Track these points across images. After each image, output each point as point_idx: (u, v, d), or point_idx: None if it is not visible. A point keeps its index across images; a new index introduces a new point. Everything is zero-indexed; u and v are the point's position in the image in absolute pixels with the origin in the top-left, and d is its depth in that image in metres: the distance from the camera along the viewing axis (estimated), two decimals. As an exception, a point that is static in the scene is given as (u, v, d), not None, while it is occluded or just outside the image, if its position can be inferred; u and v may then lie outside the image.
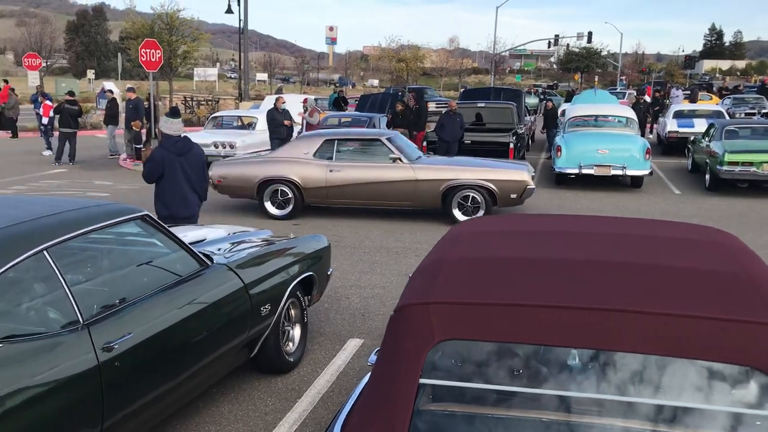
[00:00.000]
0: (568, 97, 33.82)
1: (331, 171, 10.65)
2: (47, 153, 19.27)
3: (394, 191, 10.54)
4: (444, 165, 10.86)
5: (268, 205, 10.96)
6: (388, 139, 10.80)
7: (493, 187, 10.26)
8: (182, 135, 6.94)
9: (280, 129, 15.05)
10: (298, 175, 10.72)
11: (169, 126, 6.91)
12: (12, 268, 3.03)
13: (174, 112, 17.69)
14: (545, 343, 2.27)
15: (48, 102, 20.53)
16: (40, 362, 2.94)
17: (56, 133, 18.66)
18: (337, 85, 64.83)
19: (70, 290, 3.24)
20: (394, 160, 10.52)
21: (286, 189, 10.82)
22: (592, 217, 3.68)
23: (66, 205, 3.73)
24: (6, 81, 28.23)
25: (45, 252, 3.19)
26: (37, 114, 20.99)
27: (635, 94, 35.07)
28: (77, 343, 3.14)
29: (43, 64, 39.52)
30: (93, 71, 59.25)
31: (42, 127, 20.37)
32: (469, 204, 10.37)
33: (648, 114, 23.25)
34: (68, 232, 3.37)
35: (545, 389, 2.32)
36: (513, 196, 10.35)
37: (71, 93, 19.53)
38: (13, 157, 19.05)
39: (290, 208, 10.90)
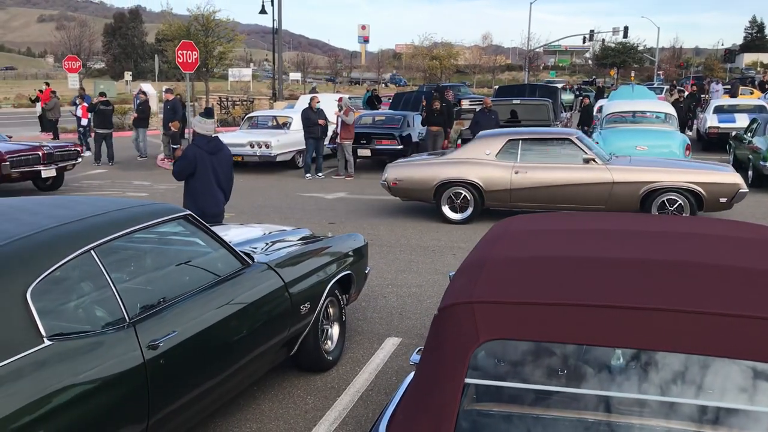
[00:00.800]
0: (598, 93, 33.18)
1: (516, 172, 10.02)
2: (87, 154, 19.62)
3: (586, 194, 9.82)
4: (643, 166, 10.01)
5: (446, 209, 10.49)
6: (579, 139, 10.13)
7: (701, 190, 9.43)
8: (213, 135, 7.07)
9: (314, 128, 15.14)
10: (479, 177, 10.15)
11: (203, 126, 7.03)
12: (61, 267, 3.10)
13: (208, 113, 17.92)
14: (590, 343, 2.25)
15: (86, 103, 20.88)
16: (88, 360, 3.00)
17: (93, 134, 19.12)
18: (369, 83, 64.78)
19: (116, 289, 3.30)
20: (587, 161, 9.84)
21: (464, 192, 10.29)
22: (637, 214, 3.64)
23: (111, 205, 3.80)
24: (47, 84, 28.87)
25: (92, 251, 3.25)
26: (76, 117, 21.30)
27: (668, 88, 34.21)
28: (124, 341, 3.19)
29: (82, 67, 40.27)
30: (130, 73, 60.24)
31: (80, 128, 20.66)
32: (671, 208, 9.56)
33: (690, 111, 22.76)
34: (114, 231, 3.44)
35: (590, 389, 2.30)
36: (722, 200, 9.53)
37: (103, 93, 19.87)
38: (54, 158, 19.43)
39: (469, 211, 10.38)
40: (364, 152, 16.48)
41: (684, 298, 2.27)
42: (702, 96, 29.58)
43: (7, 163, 12.60)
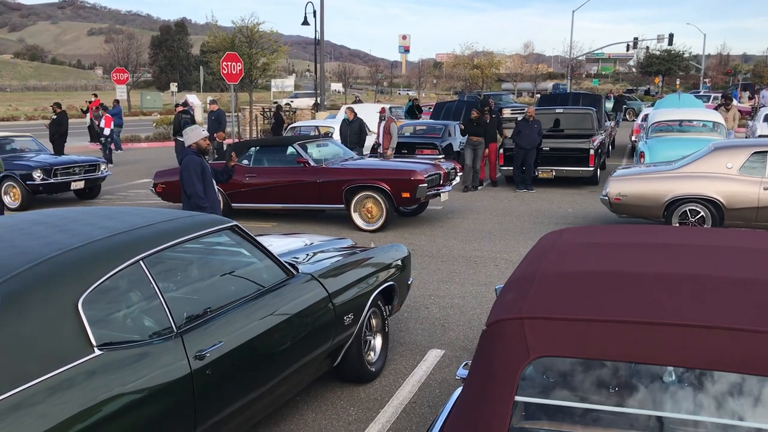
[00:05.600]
0: (616, 104, 32.31)
1: (766, 189, 9.09)
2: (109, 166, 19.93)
3: None
4: None
5: None
6: None
7: None
8: (186, 145, 7.35)
9: (345, 138, 15.19)
10: (719, 193, 9.24)
11: None
12: (111, 278, 3.14)
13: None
14: (644, 361, 2.18)
15: (109, 114, 21.19)
16: (137, 369, 3.03)
17: (112, 146, 20.04)
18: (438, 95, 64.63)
19: (164, 299, 3.33)
20: None
21: (699, 209, 9.40)
22: (693, 228, 3.54)
23: (159, 216, 3.85)
24: (95, 95, 29.63)
25: (141, 262, 3.30)
26: (99, 128, 21.39)
27: (721, 99, 32.85)
28: (171, 351, 3.22)
29: (130, 79, 41.23)
30: (175, 84, 61.48)
31: (102, 138, 20.72)
32: None
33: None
34: (163, 242, 3.48)
35: (642, 408, 2.24)
36: None
37: (184, 104, 20.15)
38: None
39: None
40: (406, 162, 16.46)
41: (741, 315, 2.19)
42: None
43: (425, 184, 10.44)
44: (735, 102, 25.26)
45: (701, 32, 64.64)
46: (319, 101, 29.42)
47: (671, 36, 56.16)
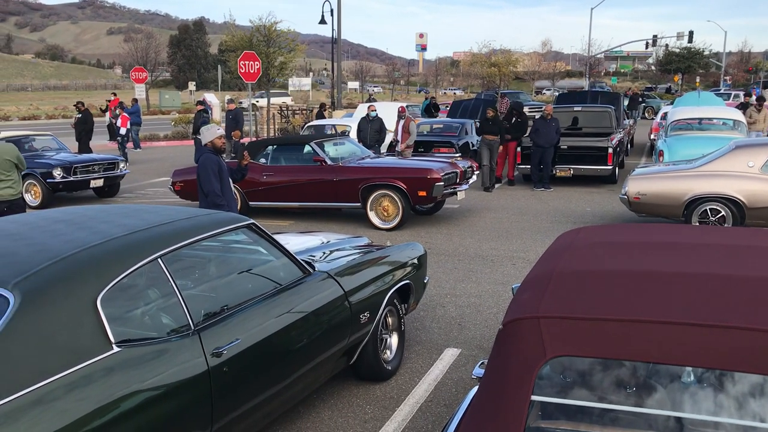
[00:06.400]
0: (631, 103, 31.93)
1: None
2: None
3: None
4: None
5: None
6: None
7: None
8: (203, 144, 7.39)
9: (365, 136, 15.17)
10: (741, 192, 9.13)
11: None
12: (129, 275, 3.17)
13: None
14: (662, 361, 2.16)
15: (126, 113, 21.38)
16: (154, 366, 3.05)
17: (130, 145, 20.36)
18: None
19: (182, 297, 3.36)
20: None
21: (720, 208, 9.28)
22: (713, 227, 3.50)
23: (177, 214, 3.87)
24: (114, 94, 29.91)
25: (159, 260, 3.32)
26: (116, 126, 21.51)
27: (754, 102, 31.57)
28: (188, 348, 3.24)
29: (149, 78, 41.53)
30: (194, 83, 61.81)
31: (119, 138, 20.91)
32: None
33: None
34: (181, 240, 3.50)
35: (660, 409, 2.22)
36: None
37: (201, 102, 20.31)
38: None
39: None
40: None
41: (761, 315, 2.16)
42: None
43: (441, 183, 10.47)
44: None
45: (722, 29, 63.94)
46: (335, 99, 29.48)
47: (691, 33, 55.63)
